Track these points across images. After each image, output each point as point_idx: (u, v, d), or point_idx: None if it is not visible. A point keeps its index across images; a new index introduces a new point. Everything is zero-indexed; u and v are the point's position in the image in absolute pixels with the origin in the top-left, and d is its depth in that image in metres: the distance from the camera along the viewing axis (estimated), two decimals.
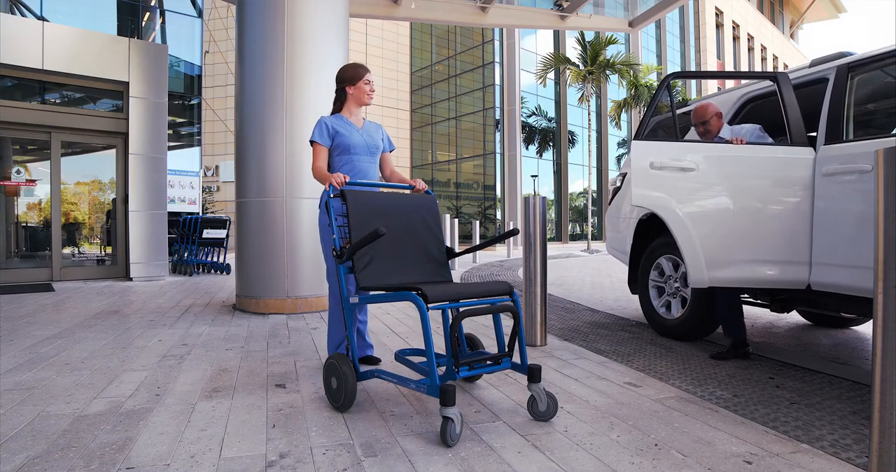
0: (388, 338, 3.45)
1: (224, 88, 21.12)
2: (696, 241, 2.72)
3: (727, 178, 2.75)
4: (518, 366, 2.03)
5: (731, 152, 2.78)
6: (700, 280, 2.75)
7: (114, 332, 3.64)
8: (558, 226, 24.87)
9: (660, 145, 2.81)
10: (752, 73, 3.00)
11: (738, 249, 2.73)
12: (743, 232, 2.73)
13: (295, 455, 1.68)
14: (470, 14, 9.65)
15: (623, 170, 4.29)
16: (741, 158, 2.76)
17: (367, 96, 2.70)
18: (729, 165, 2.76)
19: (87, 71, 6.89)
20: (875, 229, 1.47)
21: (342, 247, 2.16)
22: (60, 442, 1.77)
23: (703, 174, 2.76)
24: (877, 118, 3.02)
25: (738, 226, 2.74)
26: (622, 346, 3.25)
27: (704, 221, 2.75)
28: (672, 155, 2.78)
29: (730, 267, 2.74)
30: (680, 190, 2.77)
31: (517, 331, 2.01)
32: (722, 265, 2.73)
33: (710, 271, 2.74)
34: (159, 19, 16.47)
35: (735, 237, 2.74)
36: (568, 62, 19.82)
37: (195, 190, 13.17)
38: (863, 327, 3.94)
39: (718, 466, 1.60)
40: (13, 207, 7.28)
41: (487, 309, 1.94)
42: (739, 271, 2.74)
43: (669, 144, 2.82)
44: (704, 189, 2.78)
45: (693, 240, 2.72)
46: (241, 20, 4.75)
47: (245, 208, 4.62)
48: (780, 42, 37.15)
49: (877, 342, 1.47)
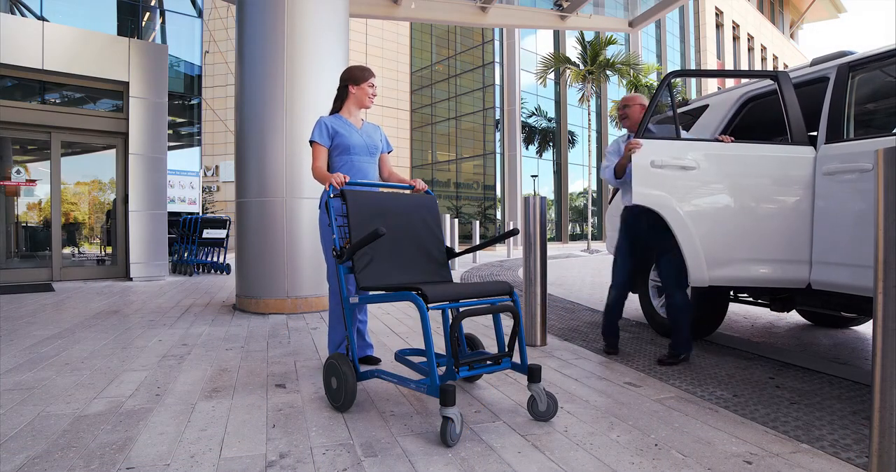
0: (388, 338, 3.45)
1: (224, 88, 21.12)
2: (697, 239, 2.72)
3: (728, 176, 2.75)
4: (518, 366, 2.03)
5: (731, 151, 2.77)
6: (700, 279, 2.75)
7: (114, 332, 3.64)
8: (558, 226, 24.87)
9: (660, 143, 2.80)
10: (753, 72, 3.00)
11: (738, 248, 2.73)
12: (743, 231, 2.73)
13: (295, 455, 1.68)
14: (470, 14, 9.65)
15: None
16: (742, 156, 2.76)
17: (368, 99, 2.70)
18: (730, 164, 2.76)
19: (87, 71, 6.89)
20: (875, 229, 1.47)
21: (342, 247, 2.16)
22: (60, 442, 1.77)
23: (704, 173, 2.76)
24: (877, 117, 3.02)
25: (738, 225, 2.74)
26: (622, 346, 3.24)
27: (705, 220, 2.75)
28: (673, 153, 2.78)
29: (730, 266, 2.74)
30: (680, 188, 2.76)
31: (517, 331, 2.01)
32: (722, 264, 2.74)
33: (710, 269, 2.74)
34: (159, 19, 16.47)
35: (735, 236, 2.74)
36: (568, 62, 19.82)
37: (195, 190, 13.17)
38: (863, 327, 3.94)
39: (718, 466, 1.60)
40: (13, 207, 7.28)
41: (487, 309, 1.94)
42: (740, 269, 2.74)
43: (670, 142, 2.82)
44: (704, 187, 2.77)
45: (693, 239, 2.72)
46: (241, 20, 4.75)
47: (245, 208, 4.62)
48: (780, 42, 37.14)
49: (877, 342, 1.47)
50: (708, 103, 3.57)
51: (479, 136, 24.64)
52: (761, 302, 3.40)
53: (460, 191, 25.85)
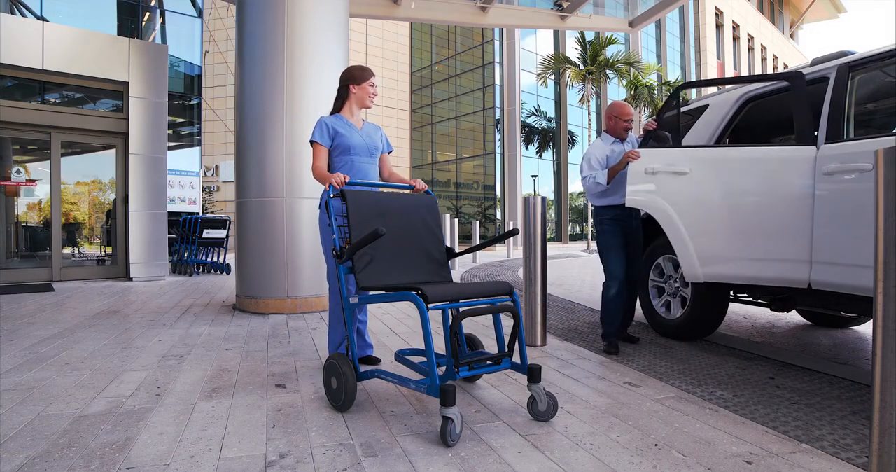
0: (388, 338, 3.45)
1: (224, 88, 21.12)
2: (687, 237, 2.87)
3: (724, 179, 2.82)
4: (518, 366, 2.03)
5: (730, 154, 2.80)
6: (693, 275, 2.90)
7: (114, 332, 3.64)
8: (558, 226, 24.88)
9: (657, 152, 3.00)
10: (765, 76, 3.00)
11: (732, 246, 2.80)
12: (737, 230, 2.79)
13: (295, 455, 1.68)
14: (470, 14, 9.65)
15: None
16: (740, 159, 2.78)
17: (369, 98, 2.70)
18: (727, 166, 2.82)
19: (87, 71, 6.89)
20: (875, 229, 1.47)
21: (342, 247, 2.16)
22: (60, 442, 1.77)
23: (697, 177, 2.88)
24: (877, 117, 3.02)
25: (732, 224, 2.81)
26: (622, 346, 3.24)
27: (696, 220, 2.87)
28: (667, 160, 2.94)
29: (724, 263, 2.82)
30: (673, 192, 2.93)
31: (517, 331, 2.01)
32: (716, 262, 2.84)
33: (703, 266, 2.87)
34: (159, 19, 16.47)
35: (729, 235, 2.81)
36: (568, 62, 19.82)
37: (195, 190, 13.17)
38: (863, 327, 3.94)
39: (718, 466, 1.60)
40: (13, 207, 7.28)
41: (487, 309, 1.94)
42: (735, 267, 2.80)
43: (666, 150, 3.00)
44: (698, 189, 2.89)
45: (684, 237, 2.88)
46: (241, 20, 4.75)
47: (245, 208, 4.62)
48: (780, 42, 37.14)
49: (877, 342, 1.47)
50: (708, 103, 3.57)
51: (479, 136, 24.65)
52: (761, 302, 3.40)
53: (460, 191, 25.85)
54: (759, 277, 2.75)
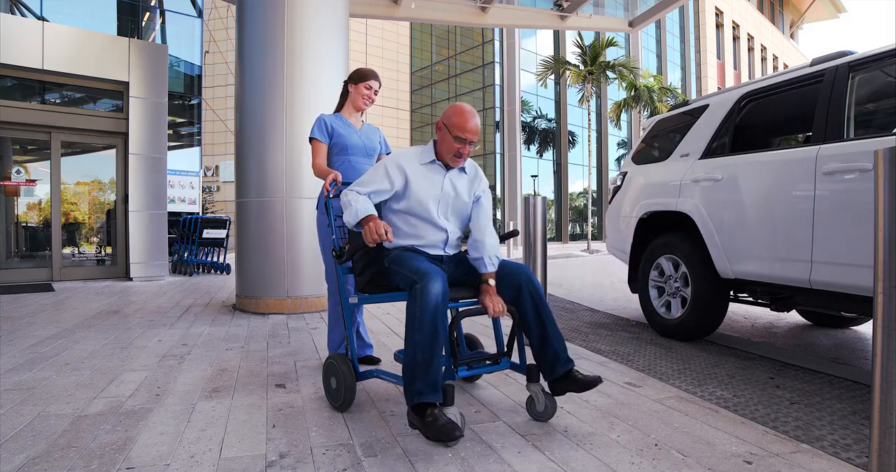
0: (388, 338, 3.45)
1: (224, 88, 21.13)
2: (717, 238, 3.09)
3: (748, 183, 2.99)
4: (517, 366, 2.03)
5: (753, 159, 2.97)
6: (724, 271, 3.10)
7: (114, 332, 3.64)
8: (558, 226, 24.89)
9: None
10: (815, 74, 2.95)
11: (755, 246, 2.90)
12: (759, 230, 2.89)
13: (295, 455, 1.68)
14: (470, 14, 9.65)
15: (624, 169, 4.29)
16: (762, 163, 2.93)
17: (361, 99, 2.68)
18: (749, 172, 3.00)
19: (87, 71, 6.89)
20: (875, 229, 1.47)
21: (341, 247, 2.17)
22: (60, 442, 1.77)
23: (726, 183, 3.08)
24: (877, 117, 3.01)
25: (754, 225, 2.92)
26: (622, 346, 3.25)
27: (724, 221, 3.06)
28: (708, 169, 3.24)
29: (750, 262, 2.94)
30: (707, 197, 3.18)
31: (516, 331, 2.01)
32: (743, 260, 2.98)
33: (733, 264, 3.04)
34: (159, 19, 16.48)
35: (752, 235, 2.93)
36: (568, 64, 19.84)
37: (195, 190, 13.18)
38: (863, 327, 3.94)
39: (718, 466, 1.60)
40: (13, 207, 7.28)
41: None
42: (759, 266, 2.90)
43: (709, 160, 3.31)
44: (725, 193, 3.09)
45: (714, 237, 3.12)
46: (240, 20, 4.75)
47: (245, 208, 4.62)
48: (780, 42, 37.15)
49: (877, 342, 1.47)
50: (708, 103, 3.57)
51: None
52: (761, 302, 3.39)
53: None
54: (782, 276, 2.80)
